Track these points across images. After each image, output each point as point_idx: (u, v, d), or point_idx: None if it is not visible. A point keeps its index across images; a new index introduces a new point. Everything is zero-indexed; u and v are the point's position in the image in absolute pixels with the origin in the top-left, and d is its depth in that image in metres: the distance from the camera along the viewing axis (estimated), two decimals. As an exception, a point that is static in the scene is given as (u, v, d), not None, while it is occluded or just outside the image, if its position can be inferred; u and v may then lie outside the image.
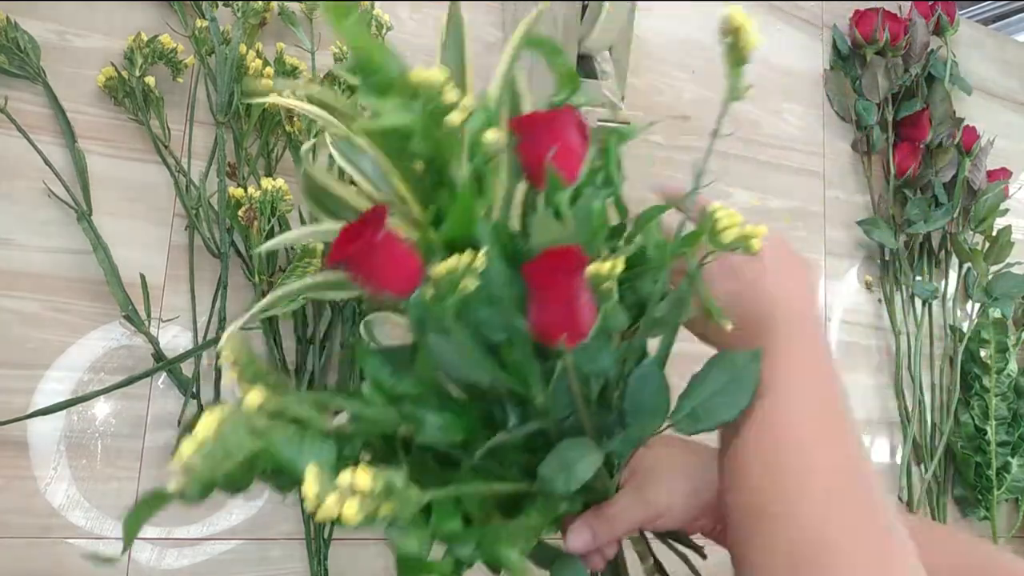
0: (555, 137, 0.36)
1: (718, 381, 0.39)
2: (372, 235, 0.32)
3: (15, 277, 0.53)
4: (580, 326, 0.34)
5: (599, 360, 0.37)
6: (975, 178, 0.93)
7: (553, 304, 0.34)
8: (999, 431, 0.87)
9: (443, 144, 0.34)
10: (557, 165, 0.36)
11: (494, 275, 0.35)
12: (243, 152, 0.59)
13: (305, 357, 0.59)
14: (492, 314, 0.36)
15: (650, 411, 0.39)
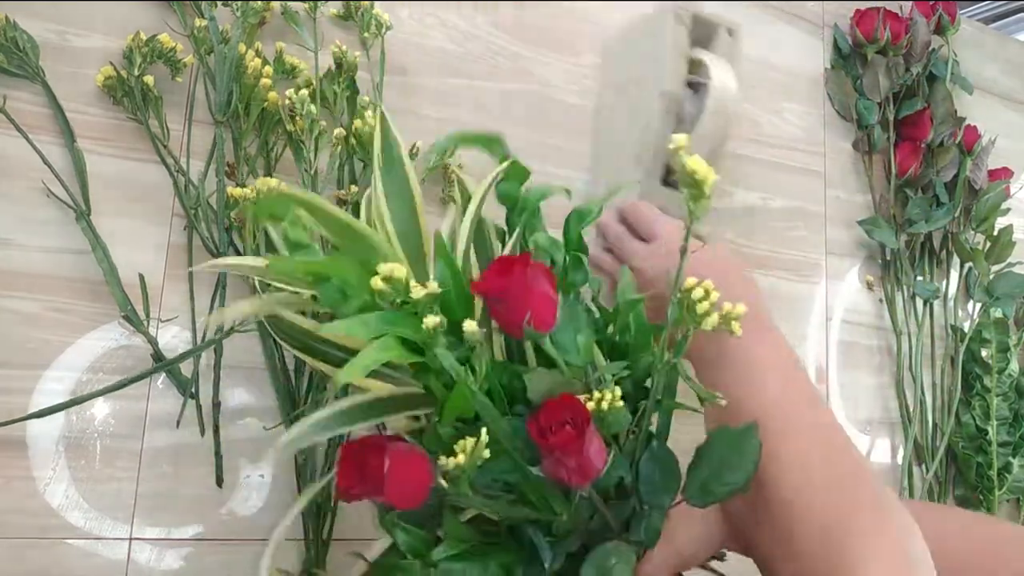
0: (528, 293, 0.37)
1: (720, 454, 0.41)
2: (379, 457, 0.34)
3: (14, 277, 0.53)
4: (594, 469, 0.36)
5: (612, 475, 0.40)
6: (976, 178, 0.93)
7: (567, 459, 0.35)
8: (1000, 431, 0.87)
9: (426, 343, 0.35)
10: (534, 318, 0.37)
11: (500, 436, 0.37)
12: (242, 152, 0.59)
13: (305, 357, 0.59)
14: (505, 466, 0.38)
15: (663, 490, 0.42)
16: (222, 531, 0.56)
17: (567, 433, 0.35)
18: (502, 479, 0.38)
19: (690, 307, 0.36)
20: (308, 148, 0.58)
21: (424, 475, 0.35)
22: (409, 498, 0.36)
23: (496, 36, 0.72)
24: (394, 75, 0.66)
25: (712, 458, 0.41)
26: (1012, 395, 0.89)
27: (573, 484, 0.36)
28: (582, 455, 0.35)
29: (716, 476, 0.40)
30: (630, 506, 0.42)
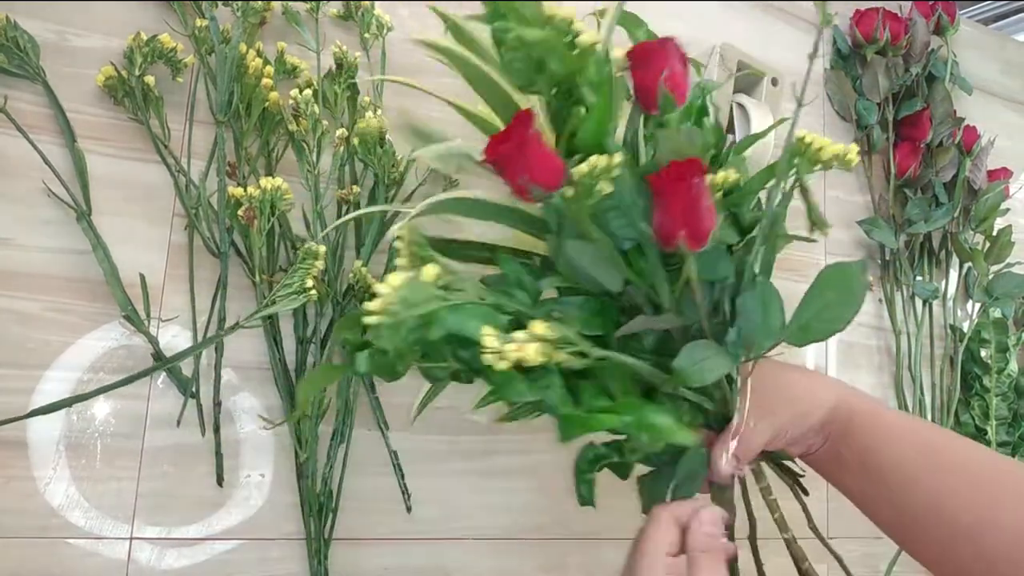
0: (664, 64, 0.41)
1: (828, 295, 0.43)
2: (523, 134, 0.37)
3: (14, 277, 0.53)
4: (701, 228, 0.39)
5: (718, 268, 0.42)
6: (975, 178, 0.93)
7: (676, 208, 0.39)
8: (999, 431, 0.87)
9: (576, 62, 0.39)
10: (669, 87, 0.41)
11: (624, 186, 0.40)
12: (243, 152, 0.59)
13: (305, 357, 0.59)
14: (622, 223, 0.41)
15: (765, 323, 0.43)
16: (222, 531, 0.56)
17: (684, 181, 0.38)
18: (617, 242, 0.41)
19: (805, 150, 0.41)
20: (311, 148, 0.58)
21: (558, 163, 0.39)
22: (546, 174, 0.39)
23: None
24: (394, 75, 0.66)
25: (818, 298, 0.43)
26: (1011, 395, 0.89)
27: (678, 239, 0.38)
28: (693, 206, 0.38)
29: (819, 314, 0.42)
30: (728, 333, 0.43)
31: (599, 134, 0.40)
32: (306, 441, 0.57)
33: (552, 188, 0.39)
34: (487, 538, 0.65)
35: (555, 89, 0.41)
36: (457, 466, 0.65)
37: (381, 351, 0.39)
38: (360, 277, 0.58)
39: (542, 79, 0.40)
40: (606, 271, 0.41)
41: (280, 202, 0.55)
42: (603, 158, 0.37)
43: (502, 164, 0.39)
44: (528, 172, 0.38)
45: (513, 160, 0.38)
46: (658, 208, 0.40)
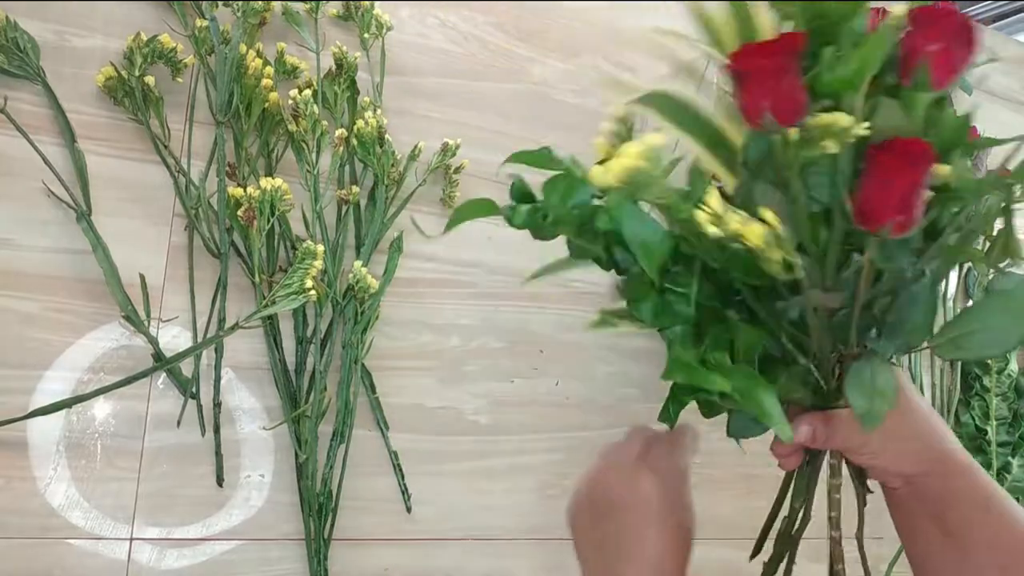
0: (941, 36, 0.36)
1: (992, 315, 0.39)
2: (786, 58, 0.34)
3: (15, 277, 0.53)
4: (911, 216, 0.36)
5: (897, 258, 0.39)
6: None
7: (893, 189, 0.35)
8: (1000, 431, 0.87)
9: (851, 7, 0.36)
10: (932, 65, 0.36)
11: (844, 151, 0.36)
12: (243, 152, 0.59)
13: (305, 357, 0.59)
14: (823, 184, 0.37)
15: (916, 327, 0.40)
16: (222, 531, 0.56)
17: (911, 162, 0.35)
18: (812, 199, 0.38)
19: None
20: (311, 148, 0.58)
21: (802, 103, 0.35)
22: (788, 109, 0.35)
23: (496, 36, 0.72)
24: (394, 75, 0.66)
25: (979, 317, 0.39)
26: (1011, 395, 0.89)
27: (884, 223, 0.36)
28: (911, 192, 0.35)
29: (978, 334, 0.39)
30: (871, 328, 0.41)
31: (849, 85, 0.36)
32: (306, 441, 0.57)
33: (787, 125, 0.35)
34: (487, 538, 0.65)
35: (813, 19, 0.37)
36: (457, 466, 0.65)
37: (542, 211, 0.39)
38: (360, 277, 0.58)
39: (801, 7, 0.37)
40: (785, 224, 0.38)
41: (280, 202, 0.55)
42: (847, 118, 0.34)
43: (749, 79, 0.36)
44: (773, 99, 0.34)
45: (763, 80, 0.35)
46: (870, 183, 0.36)
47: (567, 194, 0.38)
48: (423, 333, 0.64)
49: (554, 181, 0.39)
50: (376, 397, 0.62)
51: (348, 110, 0.63)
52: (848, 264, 0.39)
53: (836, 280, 0.40)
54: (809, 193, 0.38)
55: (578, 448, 0.69)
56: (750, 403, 0.38)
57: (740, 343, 0.40)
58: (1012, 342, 0.38)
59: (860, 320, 0.41)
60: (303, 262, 0.54)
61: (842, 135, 0.34)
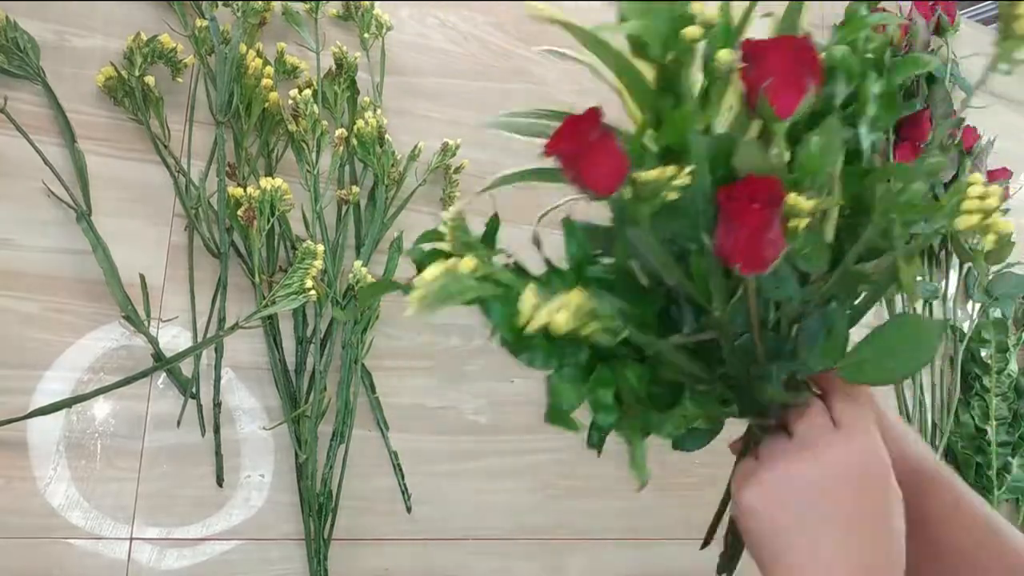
0: (777, 67, 0.36)
1: (896, 340, 0.39)
2: (587, 133, 0.34)
3: (15, 277, 0.53)
4: (760, 259, 0.35)
5: (783, 288, 0.39)
6: (976, 178, 0.93)
7: (739, 231, 0.35)
8: (999, 431, 0.87)
9: (679, 54, 0.36)
10: (772, 96, 0.36)
11: (696, 191, 0.36)
12: (243, 152, 0.59)
13: (305, 357, 0.59)
14: (685, 226, 0.37)
15: (823, 350, 0.40)
16: (222, 531, 0.56)
17: (753, 204, 0.34)
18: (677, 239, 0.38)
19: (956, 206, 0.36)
20: (311, 148, 0.58)
21: (622, 166, 0.35)
22: (602, 178, 0.35)
23: (496, 36, 0.72)
24: (394, 75, 0.66)
25: (883, 340, 0.39)
26: (1011, 395, 0.89)
27: (737, 265, 0.35)
28: (757, 234, 0.34)
29: (878, 359, 0.39)
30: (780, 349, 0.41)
31: (680, 132, 0.37)
32: (306, 441, 0.57)
33: (607, 193, 0.35)
34: (487, 538, 0.65)
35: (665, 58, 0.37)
36: (457, 466, 0.65)
37: None
38: (360, 277, 0.58)
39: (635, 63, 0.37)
40: (659, 267, 0.39)
41: (280, 202, 0.55)
42: (671, 169, 0.34)
43: (560, 162, 0.36)
44: (583, 178, 0.35)
45: (571, 162, 0.35)
46: (721, 224, 0.36)
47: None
48: (423, 333, 0.64)
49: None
50: (376, 397, 0.62)
51: (348, 110, 0.63)
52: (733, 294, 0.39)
53: (729, 310, 0.39)
54: (672, 237, 0.38)
55: (578, 448, 0.69)
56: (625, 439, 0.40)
57: (622, 381, 0.40)
58: (913, 367, 0.38)
59: (767, 342, 0.40)
60: (303, 262, 0.54)
61: (673, 185, 0.35)
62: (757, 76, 0.36)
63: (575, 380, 0.40)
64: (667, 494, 0.69)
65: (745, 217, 0.35)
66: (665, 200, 0.35)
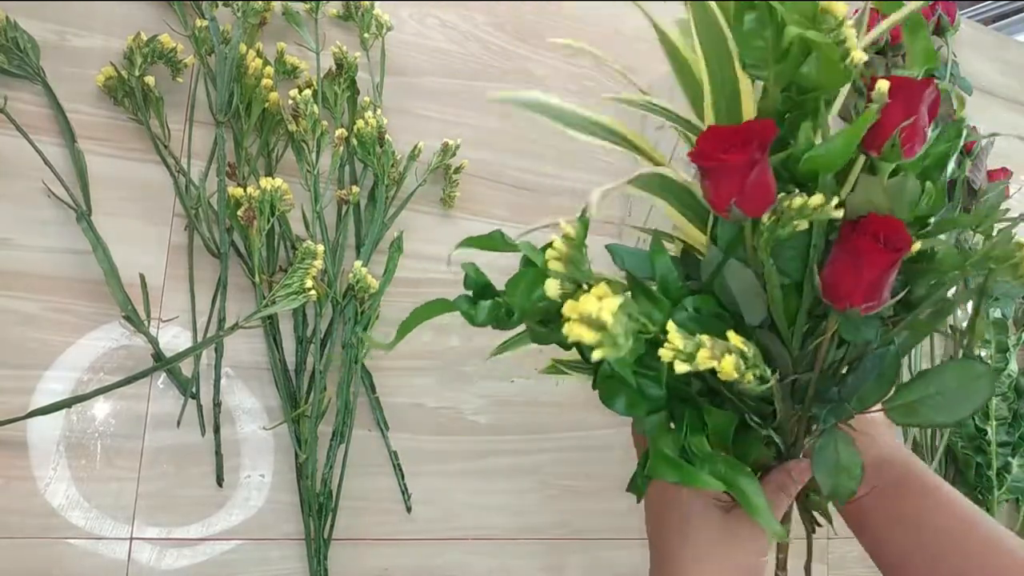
0: (912, 108, 0.35)
1: (946, 385, 0.39)
2: (755, 154, 0.32)
3: (14, 277, 0.53)
4: (879, 298, 0.35)
5: (863, 332, 0.39)
6: (975, 178, 0.93)
7: (864, 273, 0.35)
8: (999, 431, 0.87)
9: (839, 79, 0.34)
10: (903, 137, 0.35)
11: (816, 225, 0.36)
12: (243, 152, 0.59)
13: (305, 357, 0.59)
14: (794, 259, 0.37)
15: (871, 392, 0.41)
16: (222, 531, 0.56)
17: (883, 245, 0.34)
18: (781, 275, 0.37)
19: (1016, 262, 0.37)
20: (311, 148, 0.58)
21: (772, 192, 0.34)
22: (757, 203, 0.34)
23: (496, 36, 0.72)
24: (394, 75, 0.66)
25: (933, 384, 0.39)
26: (1011, 395, 0.89)
27: (851, 303, 0.35)
28: (883, 276, 0.34)
29: (928, 402, 0.39)
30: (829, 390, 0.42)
31: (830, 166, 0.35)
32: (306, 441, 0.57)
33: (756, 215, 0.34)
34: (487, 538, 0.65)
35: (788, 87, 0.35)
36: (457, 466, 0.65)
37: (505, 308, 0.37)
38: (360, 277, 0.58)
39: (778, 70, 0.34)
40: (753, 302, 0.38)
41: (280, 202, 0.55)
42: (819, 198, 0.33)
43: (715, 172, 0.34)
44: (740, 192, 0.33)
45: (731, 176, 0.33)
46: (841, 263, 0.35)
47: (530, 289, 0.36)
48: (423, 333, 0.64)
49: (516, 280, 0.36)
50: (376, 397, 0.62)
51: (348, 110, 0.63)
52: (814, 332, 0.39)
53: (802, 349, 0.39)
54: (779, 268, 0.37)
55: (578, 448, 0.69)
56: (736, 493, 0.38)
57: (713, 425, 0.40)
58: (964, 413, 0.39)
59: (821, 383, 0.41)
60: (303, 262, 0.54)
61: (814, 215, 0.34)
62: (891, 114, 0.35)
63: (664, 427, 0.39)
64: None
65: (874, 258, 0.34)
66: (795, 230, 0.34)
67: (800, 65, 0.34)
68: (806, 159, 0.35)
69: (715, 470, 0.38)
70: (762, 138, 0.33)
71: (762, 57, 0.34)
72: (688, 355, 0.32)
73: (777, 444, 0.42)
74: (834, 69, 0.34)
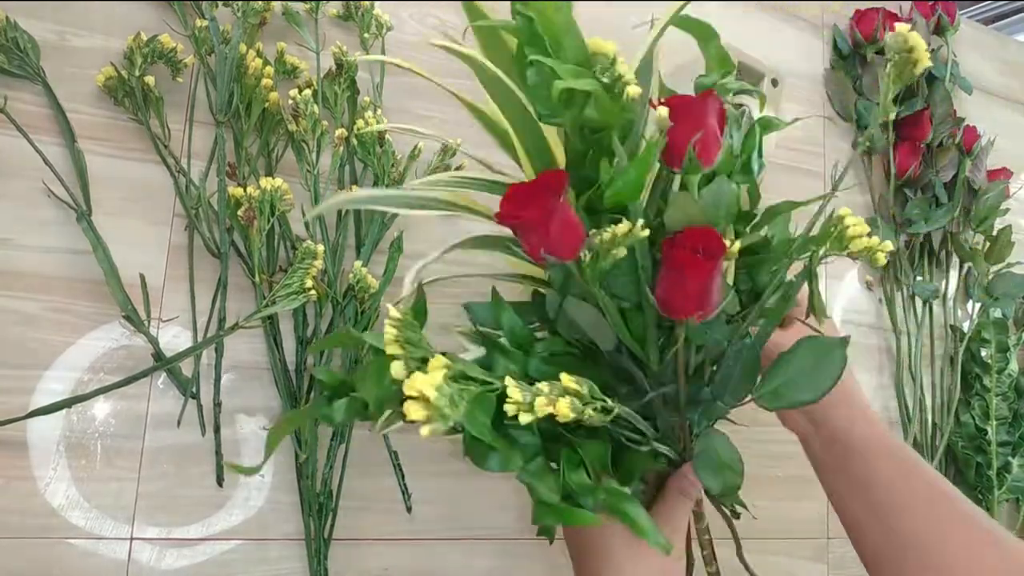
0: (698, 122, 0.38)
1: (805, 363, 0.42)
2: (550, 202, 0.35)
3: (14, 277, 0.53)
4: (710, 305, 0.38)
5: (712, 334, 0.41)
6: (975, 178, 0.93)
7: (689, 283, 0.37)
8: (1000, 431, 0.87)
9: (617, 115, 0.37)
10: (698, 150, 0.38)
11: (638, 247, 0.38)
12: (243, 152, 0.59)
13: (305, 357, 0.59)
14: (627, 283, 0.39)
15: (738, 385, 0.43)
16: (222, 531, 0.56)
17: (702, 255, 0.36)
18: (618, 301, 0.40)
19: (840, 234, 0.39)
20: (311, 148, 0.58)
21: (581, 233, 0.36)
22: (566, 246, 0.36)
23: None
24: (394, 75, 0.66)
25: (793, 365, 0.42)
26: (1011, 395, 0.89)
27: (687, 314, 0.37)
28: (707, 283, 0.37)
29: (791, 383, 0.42)
30: (700, 392, 0.44)
31: (631, 196, 0.37)
32: (306, 441, 0.57)
33: (568, 258, 0.36)
34: (487, 538, 0.65)
35: (582, 128, 0.38)
36: (457, 466, 0.65)
37: (360, 401, 0.37)
38: (360, 277, 0.58)
39: (569, 116, 0.37)
40: (602, 330, 0.40)
41: (280, 202, 0.55)
42: (625, 226, 0.35)
43: (520, 228, 0.36)
44: (548, 244, 0.35)
45: (535, 229, 0.35)
46: (667, 278, 0.38)
47: (380, 377, 0.36)
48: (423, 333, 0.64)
49: (363, 372, 0.37)
50: (376, 397, 0.62)
51: (348, 110, 0.63)
52: (671, 343, 0.40)
53: (661, 360, 0.41)
54: (614, 294, 0.39)
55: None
56: (622, 518, 0.39)
57: (589, 457, 0.40)
58: (825, 385, 0.41)
59: (689, 386, 0.43)
60: (303, 262, 0.54)
61: (626, 241, 0.35)
62: (681, 132, 0.37)
63: (543, 472, 0.39)
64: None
65: (695, 269, 0.36)
66: (616, 258, 0.36)
67: (584, 109, 0.36)
68: (608, 195, 0.37)
69: (598, 501, 0.39)
70: (554, 189, 0.34)
71: (552, 107, 0.37)
72: (528, 405, 0.33)
73: (667, 454, 0.44)
74: (611, 108, 0.36)
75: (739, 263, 0.43)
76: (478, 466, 0.38)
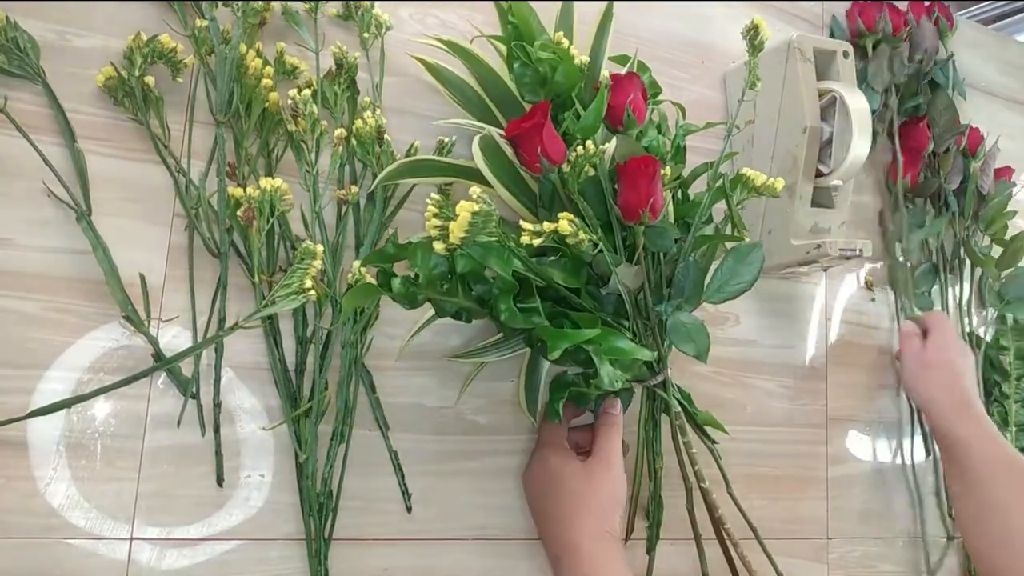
0: (631, 92, 0.59)
1: (732, 267, 0.60)
2: (541, 119, 0.52)
3: (14, 277, 0.53)
4: (657, 205, 0.55)
5: (663, 240, 0.58)
6: (983, 182, 0.93)
7: (640, 189, 0.54)
8: (1019, 437, 0.88)
9: (576, 76, 0.59)
10: (632, 109, 0.59)
11: (600, 175, 0.57)
12: (243, 152, 0.59)
13: (305, 357, 0.59)
14: (597, 201, 0.57)
15: (692, 293, 0.60)
16: (222, 531, 0.56)
17: (646, 170, 0.54)
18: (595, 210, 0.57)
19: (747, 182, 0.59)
20: (310, 148, 0.58)
21: (563, 145, 0.55)
22: (554, 151, 0.54)
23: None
24: (394, 75, 0.66)
25: (723, 270, 0.60)
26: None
27: (641, 213, 0.55)
28: (651, 189, 0.54)
29: (728, 281, 0.60)
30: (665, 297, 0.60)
31: (591, 129, 0.56)
32: (306, 441, 0.57)
33: (557, 162, 0.54)
34: (487, 538, 0.65)
35: (555, 97, 0.58)
36: (457, 466, 0.65)
37: (412, 281, 0.50)
38: (359, 277, 0.58)
39: (545, 90, 0.58)
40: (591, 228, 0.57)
41: (279, 202, 0.55)
42: (592, 144, 0.54)
43: (521, 140, 0.53)
44: (541, 147, 0.52)
45: (531, 137, 0.52)
46: (624, 191, 0.55)
47: (426, 257, 0.50)
48: (423, 333, 0.64)
49: (414, 248, 0.49)
50: (376, 397, 0.62)
51: (348, 110, 0.63)
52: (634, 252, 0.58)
53: (630, 261, 0.58)
54: (589, 211, 0.56)
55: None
56: (613, 352, 0.53)
57: (583, 322, 0.54)
58: (751, 277, 0.59)
59: (654, 294, 0.60)
60: (303, 262, 0.54)
61: (596, 157, 0.54)
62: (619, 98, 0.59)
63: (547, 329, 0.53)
64: (665, 494, 0.69)
65: (643, 179, 0.54)
66: (588, 174, 0.55)
67: (555, 75, 0.58)
68: (576, 130, 0.56)
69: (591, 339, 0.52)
70: (542, 110, 0.52)
71: (532, 86, 0.59)
72: (537, 232, 0.51)
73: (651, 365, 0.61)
74: (572, 71, 0.58)
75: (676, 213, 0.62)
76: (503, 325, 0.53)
